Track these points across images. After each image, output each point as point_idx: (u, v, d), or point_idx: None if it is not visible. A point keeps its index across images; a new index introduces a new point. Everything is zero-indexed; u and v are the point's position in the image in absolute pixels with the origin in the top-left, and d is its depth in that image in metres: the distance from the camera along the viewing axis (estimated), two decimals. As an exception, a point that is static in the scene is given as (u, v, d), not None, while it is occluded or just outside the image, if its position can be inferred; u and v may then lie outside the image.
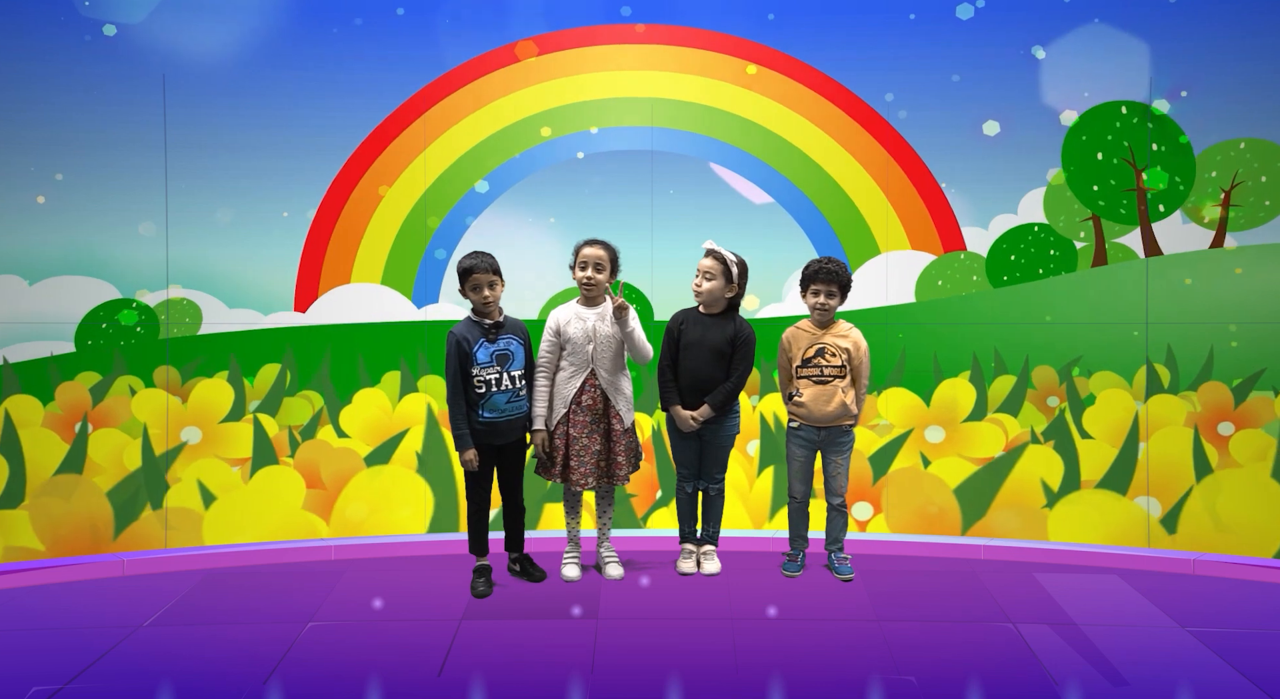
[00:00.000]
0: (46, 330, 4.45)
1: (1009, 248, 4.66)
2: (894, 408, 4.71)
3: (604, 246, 3.79)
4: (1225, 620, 3.51)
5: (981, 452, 4.67)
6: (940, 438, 4.69)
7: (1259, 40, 4.48)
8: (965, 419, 4.68)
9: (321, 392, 4.62)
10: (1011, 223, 4.65)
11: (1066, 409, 4.64)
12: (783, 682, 2.96)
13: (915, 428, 4.70)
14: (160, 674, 3.02)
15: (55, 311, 4.46)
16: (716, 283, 3.81)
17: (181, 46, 4.46)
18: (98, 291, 4.48)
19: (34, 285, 4.45)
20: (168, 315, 4.52)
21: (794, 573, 3.98)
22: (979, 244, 4.68)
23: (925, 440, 4.70)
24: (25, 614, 3.64)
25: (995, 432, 4.67)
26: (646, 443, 4.66)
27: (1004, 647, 3.25)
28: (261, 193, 4.55)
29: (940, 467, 4.67)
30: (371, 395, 4.64)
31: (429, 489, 4.63)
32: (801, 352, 3.90)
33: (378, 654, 3.17)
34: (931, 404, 4.70)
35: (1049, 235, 4.65)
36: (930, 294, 4.70)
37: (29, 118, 4.40)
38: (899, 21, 4.61)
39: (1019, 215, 4.65)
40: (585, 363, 3.79)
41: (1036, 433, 4.64)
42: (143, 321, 4.50)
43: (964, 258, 4.68)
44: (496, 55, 4.61)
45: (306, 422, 4.60)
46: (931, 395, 4.70)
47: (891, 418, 4.70)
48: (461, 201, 4.64)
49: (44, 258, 4.45)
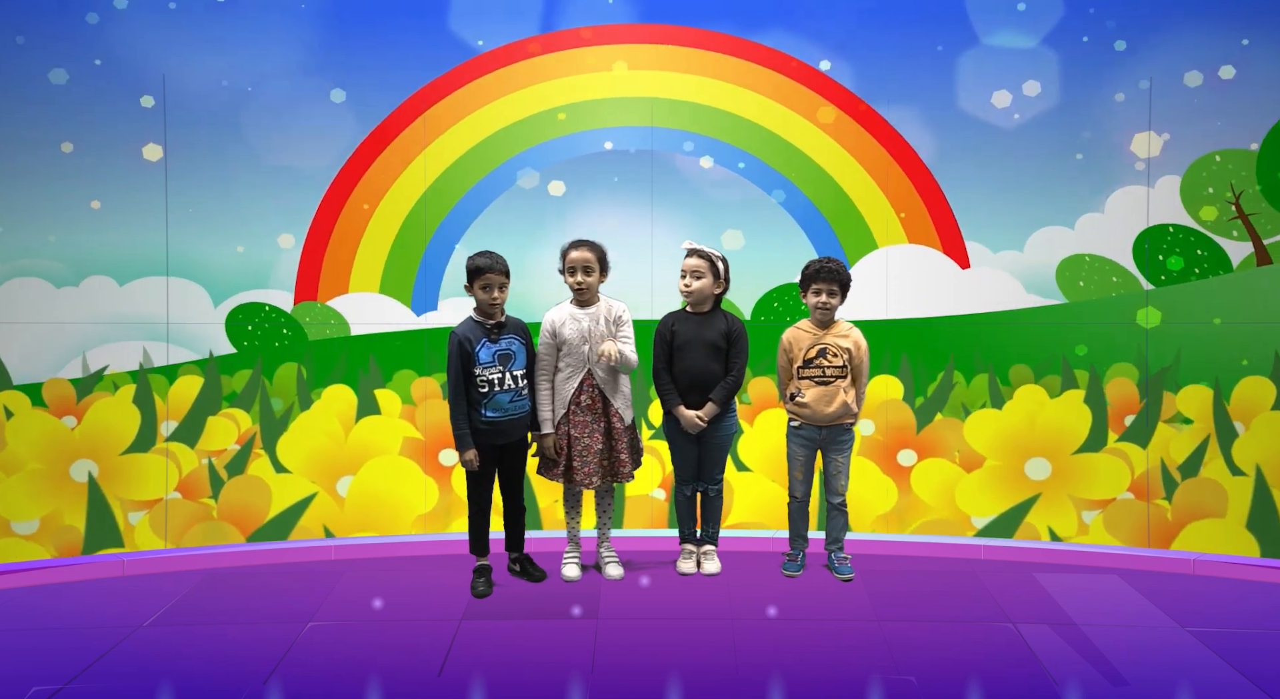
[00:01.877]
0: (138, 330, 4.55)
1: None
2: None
3: (591, 247, 3.79)
4: (1225, 620, 3.51)
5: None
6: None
7: None
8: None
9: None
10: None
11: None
12: (783, 682, 2.96)
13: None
14: (160, 674, 3.02)
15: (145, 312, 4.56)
16: (705, 281, 3.82)
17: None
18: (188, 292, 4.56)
19: (124, 285, 4.54)
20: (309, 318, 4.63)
21: (794, 573, 3.98)
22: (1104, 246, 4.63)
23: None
24: (25, 614, 3.64)
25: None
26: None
27: (1004, 647, 3.25)
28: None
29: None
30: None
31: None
32: (803, 352, 3.90)
33: (378, 654, 3.17)
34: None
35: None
36: (1078, 295, 4.63)
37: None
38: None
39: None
40: (582, 363, 3.79)
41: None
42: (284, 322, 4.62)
43: (1090, 260, 4.62)
44: (496, 55, 4.61)
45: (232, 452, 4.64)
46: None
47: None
48: (465, 198, 4.64)
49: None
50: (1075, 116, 4.59)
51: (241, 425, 4.61)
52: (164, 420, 4.56)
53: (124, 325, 4.54)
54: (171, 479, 4.56)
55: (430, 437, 4.66)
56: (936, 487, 4.70)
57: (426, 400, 4.66)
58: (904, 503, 4.70)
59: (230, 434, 4.61)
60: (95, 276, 4.52)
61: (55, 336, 4.50)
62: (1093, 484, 4.65)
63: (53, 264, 4.49)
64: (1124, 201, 4.60)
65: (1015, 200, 4.64)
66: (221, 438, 4.60)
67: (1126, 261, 4.61)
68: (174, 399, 4.57)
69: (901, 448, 4.73)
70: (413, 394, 4.66)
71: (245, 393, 4.60)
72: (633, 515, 4.73)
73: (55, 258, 4.49)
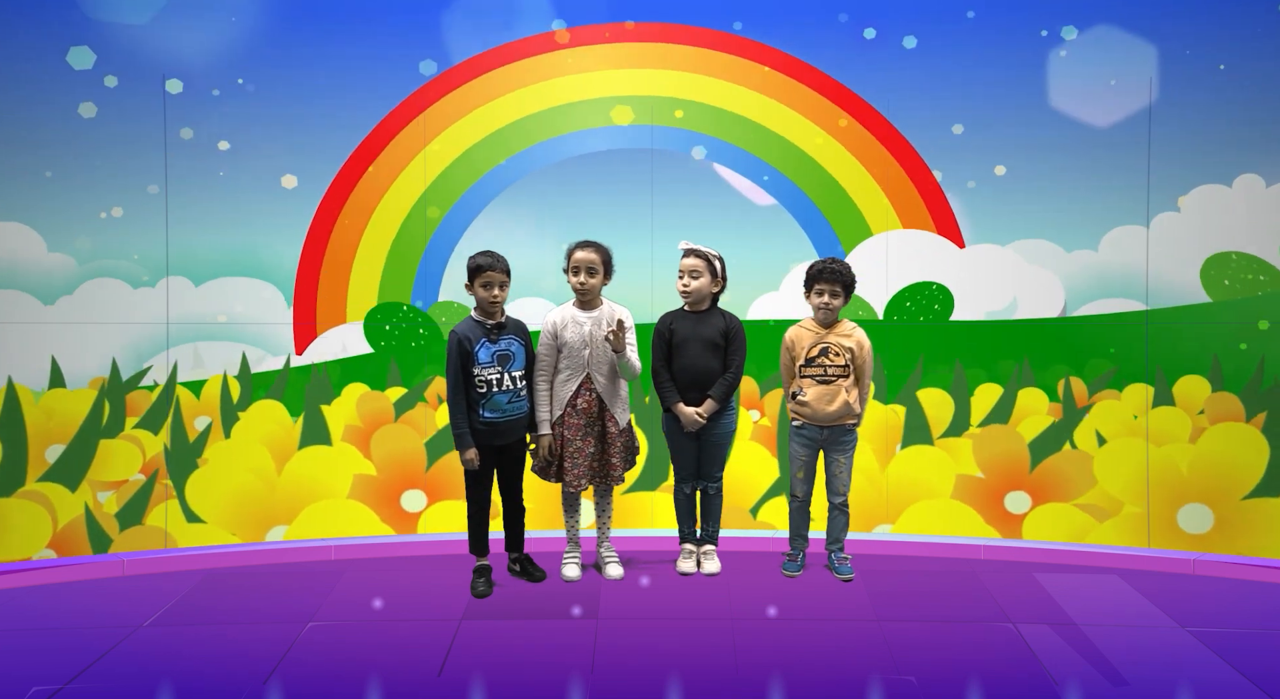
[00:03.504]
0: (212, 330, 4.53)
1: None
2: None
3: (596, 249, 3.79)
4: (1225, 620, 3.51)
5: None
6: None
7: None
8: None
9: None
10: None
11: None
12: (783, 682, 2.96)
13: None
14: (160, 674, 3.02)
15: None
16: (703, 280, 3.83)
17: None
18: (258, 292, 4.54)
19: (200, 286, 4.52)
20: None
21: (794, 573, 3.98)
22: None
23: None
24: (25, 614, 3.64)
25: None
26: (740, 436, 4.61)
27: (1004, 647, 3.25)
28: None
29: None
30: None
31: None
32: (805, 351, 3.90)
33: (378, 654, 3.17)
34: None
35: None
36: (1223, 294, 4.33)
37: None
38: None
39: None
40: (581, 367, 3.79)
41: None
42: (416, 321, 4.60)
43: (1236, 258, 4.36)
44: (495, 55, 4.61)
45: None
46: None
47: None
48: (465, 195, 4.64)
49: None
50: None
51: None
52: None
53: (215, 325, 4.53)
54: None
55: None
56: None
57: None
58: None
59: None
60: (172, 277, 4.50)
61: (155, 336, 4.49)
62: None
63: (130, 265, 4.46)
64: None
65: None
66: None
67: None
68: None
69: (1009, 490, 4.39)
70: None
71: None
72: (632, 515, 4.73)
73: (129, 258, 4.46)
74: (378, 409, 4.58)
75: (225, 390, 4.51)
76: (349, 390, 4.57)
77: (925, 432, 4.51)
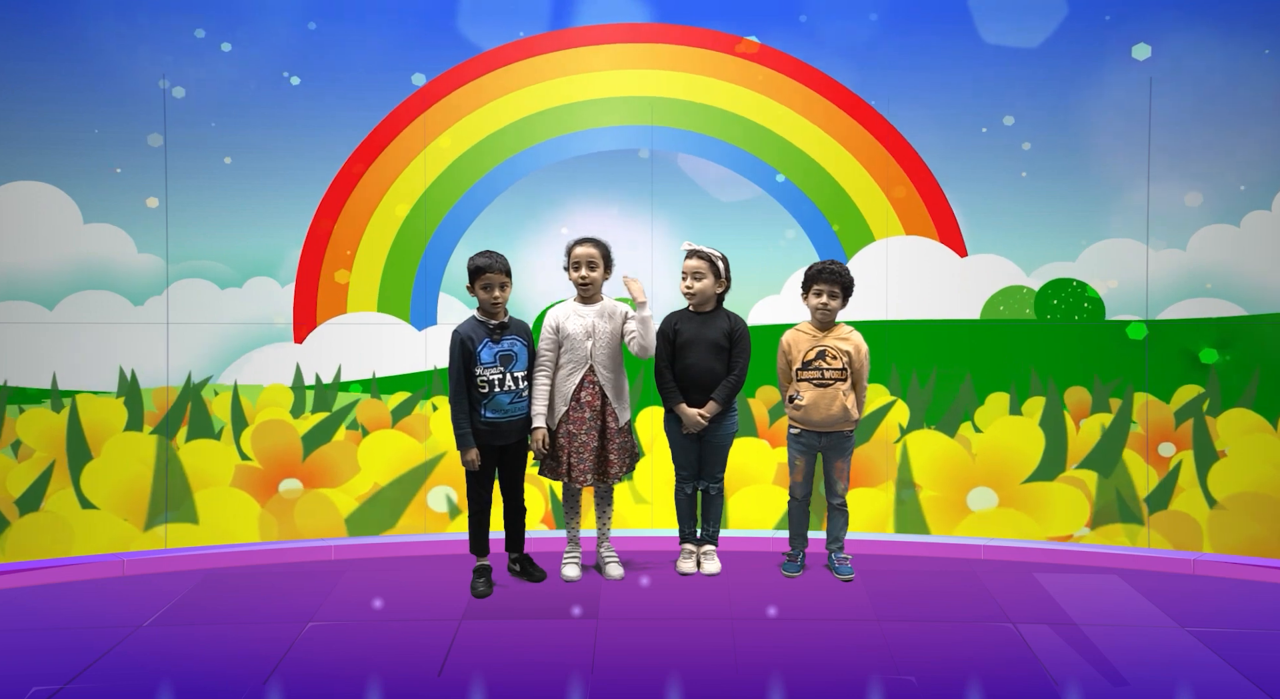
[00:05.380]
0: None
1: None
2: None
3: (595, 244, 3.81)
4: (1225, 620, 3.51)
5: None
6: None
7: None
8: None
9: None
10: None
11: None
12: (783, 682, 2.96)
13: None
14: (160, 674, 3.03)
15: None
16: (707, 281, 3.83)
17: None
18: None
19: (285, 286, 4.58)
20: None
21: (794, 573, 3.98)
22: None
23: None
24: (25, 614, 3.64)
25: None
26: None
27: (1004, 647, 3.25)
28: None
29: None
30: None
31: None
32: (802, 354, 3.90)
33: (378, 654, 3.17)
34: None
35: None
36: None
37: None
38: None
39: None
40: (584, 359, 3.79)
41: None
42: None
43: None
44: (497, 53, 4.61)
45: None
46: None
47: None
48: (467, 194, 4.64)
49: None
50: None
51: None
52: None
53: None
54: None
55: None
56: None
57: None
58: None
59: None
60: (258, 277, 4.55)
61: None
62: None
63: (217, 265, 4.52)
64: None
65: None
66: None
67: None
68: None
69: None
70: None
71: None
72: (632, 515, 4.73)
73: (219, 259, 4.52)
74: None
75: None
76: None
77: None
